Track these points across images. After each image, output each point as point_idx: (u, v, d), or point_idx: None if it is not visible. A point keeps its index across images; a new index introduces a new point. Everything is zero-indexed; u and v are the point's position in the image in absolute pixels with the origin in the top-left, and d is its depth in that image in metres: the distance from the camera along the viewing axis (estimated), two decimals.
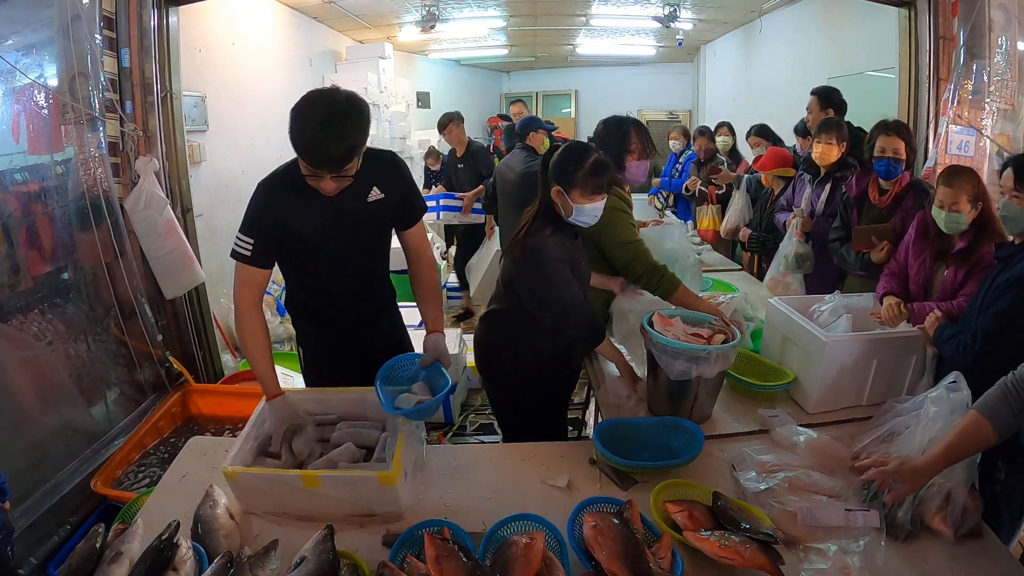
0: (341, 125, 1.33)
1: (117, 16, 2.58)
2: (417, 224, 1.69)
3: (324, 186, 1.42)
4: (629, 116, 2.10)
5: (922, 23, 2.94)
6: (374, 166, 1.53)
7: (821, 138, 2.69)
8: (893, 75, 3.19)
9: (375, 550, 1.26)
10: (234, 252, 1.52)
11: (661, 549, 1.16)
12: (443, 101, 8.72)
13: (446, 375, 1.54)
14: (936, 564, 1.22)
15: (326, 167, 1.37)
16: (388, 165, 1.61)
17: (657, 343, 1.61)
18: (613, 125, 2.07)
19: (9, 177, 2.12)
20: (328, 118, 1.33)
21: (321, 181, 1.40)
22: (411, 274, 1.74)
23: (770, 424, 1.66)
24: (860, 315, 1.89)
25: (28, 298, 2.11)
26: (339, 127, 1.33)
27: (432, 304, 1.72)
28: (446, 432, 3.08)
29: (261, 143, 4.12)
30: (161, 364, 2.67)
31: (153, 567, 1.12)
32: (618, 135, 2.03)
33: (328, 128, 1.32)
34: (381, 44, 6.20)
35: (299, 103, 1.36)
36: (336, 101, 1.35)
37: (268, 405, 1.52)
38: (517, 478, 1.51)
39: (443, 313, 1.74)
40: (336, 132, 1.33)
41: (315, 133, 1.33)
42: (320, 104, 1.35)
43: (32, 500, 1.93)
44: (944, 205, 1.80)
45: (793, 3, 5.43)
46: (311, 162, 1.37)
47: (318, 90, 1.40)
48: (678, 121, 9.22)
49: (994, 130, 2.74)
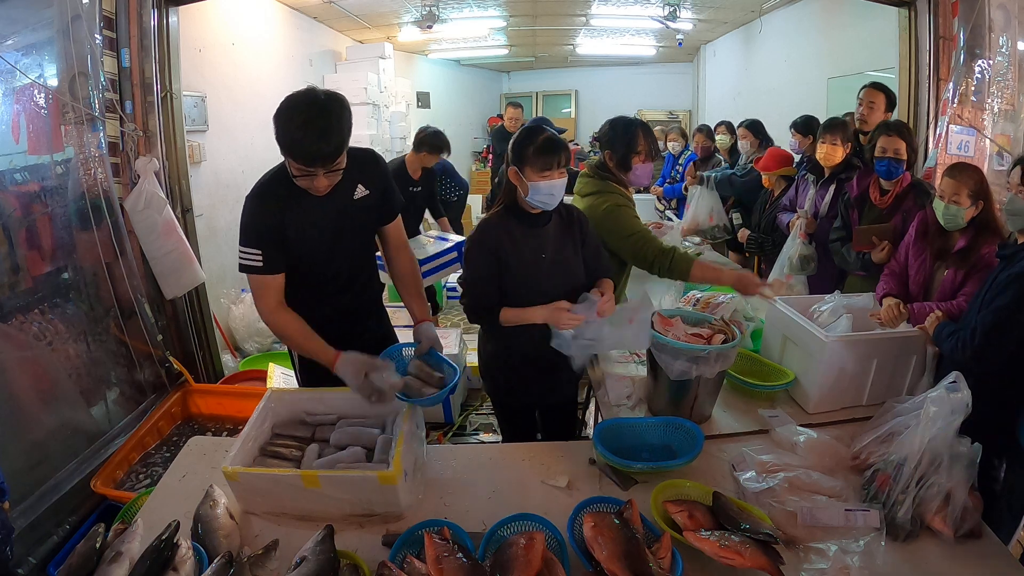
0: (326, 121, 1.37)
1: (117, 16, 2.58)
2: (396, 219, 1.73)
3: (317, 184, 1.43)
4: (636, 118, 2.10)
5: (922, 23, 2.94)
6: (357, 164, 1.55)
7: (826, 138, 2.68)
8: (893, 75, 3.19)
9: (375, 550, 1.26)
10: (243, 266, 1.53)
11: (661, 549, 1.16)
12: (443, 101, 8.73)
13: (447, 360, 1.58)
14: (936, 564, 1.22)
15: (318, 164, 1.39)
16: (370, 162, 1.65)
17: (657, 343, 1.61)
18: (621, 126, 2.06)
19: (9, 177, 2.12)
20: (313, 116, 1.36)
21: (314, 180, 1.42)
22: (391, 269, 1.77)
23: (770, 424, 1.65)
24: (860, 315, 1.89)
25: (28, 298, 2.11)
26: (324, 123, 1.37)
27: (416, 294, 1.75)
28: (446, 432, 3.08)
29: (261, 143, 4.12)
30: (161, 364, 2.67)
31: (153, 567, 1.12)
32: (625, 136, 2.03)
33: (314, 126, 1.36)
34: (381, 44, 6.20)
35: (280, 108, 1.39)
36: (316, 99, 1.39)
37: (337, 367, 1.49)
38: (517, 478, 1.51)
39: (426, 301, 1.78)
40: (323, 128, 1.36)
41: (303, 133, 1.36)
42: (302, 104, 1.38)
43: (32, 500, 1.93)
44: (945, 196, 1.81)
45: (793, 3, 5.43)
46: (303, 161, 1.38)
47: (296, 92, 1.42)
48: (678, 121, 9.22)
49: (994, 130, 2.74)
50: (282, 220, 1.51)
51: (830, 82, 4.74)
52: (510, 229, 1.69)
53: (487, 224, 1.73)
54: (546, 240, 1.71)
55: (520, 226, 1.69)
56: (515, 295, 1.69)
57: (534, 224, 1.70)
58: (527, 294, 1.67)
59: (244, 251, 1.51)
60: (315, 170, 1.40)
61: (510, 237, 1.68)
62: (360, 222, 1.64)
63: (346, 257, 1.66)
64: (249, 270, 1.52)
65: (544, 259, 1.70)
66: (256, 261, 1.50)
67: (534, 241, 1.70)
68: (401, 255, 1.76)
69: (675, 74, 9.44)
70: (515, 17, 6.31)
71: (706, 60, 8.45)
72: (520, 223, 1.69)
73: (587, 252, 1.77)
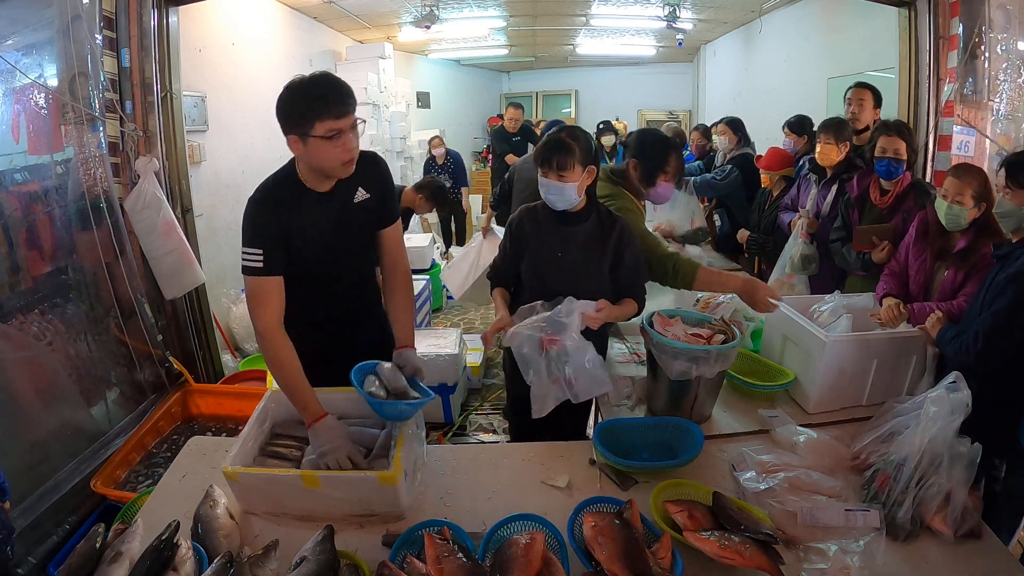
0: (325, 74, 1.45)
1: (117, 16, 2.58)
2: (394, 225, 1.69)
3: (346, 143, 1.42)
4: (672, 136, 2.07)
5: (922, 23, 2.94)
6: (359, 165, 1.54)
7: (822, 138, 2.68)
8: (893, 75, 3.19)
9: (375, 550, 1.26)
10: (244, 267, 1.49)
11: (661, 549, 1.16)
12: (443, 101, 8.74)
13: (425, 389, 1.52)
14: (936, 564, 1.22)
15: (345, 106, 1.41)
16: (371, 164, 1.63)
17: (657, 343, 1.61)
18: (655, 140, 2.01)
19: (9, 177, 2.12)
20: (314, 77, 1.43)
21: (345, 139, 1.42)
22: (386, 284, 1.72)
23: (770, 424, 1.66)
24: (860, 315, 1.90)
25: (28, 298, 2.11)
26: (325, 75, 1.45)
27: (407, 317, 1.68)
28: (446, 432, 3.08)
29: (261, 143, 4.13)
30: (161, 364, 2.68)
31: (153, 567, 1.12)
32: (658, 153, 1.98)
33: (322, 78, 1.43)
34: (381, 44, 6.21)
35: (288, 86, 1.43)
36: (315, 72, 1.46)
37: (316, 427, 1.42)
38: (517, 478, 1.51)
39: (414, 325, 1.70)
40: (328, 78, 1.44)
41: (323, 84, 1.41)
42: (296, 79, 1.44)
43: (32, 500, 1.93)
44: (948, 196, 1.80)
45: (793, 3, 5.43)
46: (335, 103, 1.39)
47: None
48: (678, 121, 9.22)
49: (994, 130, 2.74)
50: (285, 221, 1.50)
51: (830, 82, 4.74)
52: (540, 221, 1.74)
53: (526, 209, 1.79)
54: (571, 241, 1.71)
55: (551, 221, 1.72)
56: (528, 284, 1.75)
57: (563, 222, 1.71)
58: (537, 286, 1.70)
59: (246, 252, 1.49)
60: (346, 120, 1.41)
61: (537, 229, 1.73)
62: (360, 223, 1.63)
63: (345, 259, 1.65)
64: (250, 271, 1.49)
65: (560, 257, 1.70)
66: (256, 261, 1.48)
67: (557, 239, 1.71)
68: (396, 271, 1.71)
69: (675, 74, 9.45)
70: (515, 17, 6.31)
71: (706, 60, 8.46)
72: (552, 218, 1.72)
73: (621, 268, 1.73)
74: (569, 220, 1.70)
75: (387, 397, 1.44)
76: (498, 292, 1.80)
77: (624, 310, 1.72)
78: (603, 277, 1.72)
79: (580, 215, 1.70)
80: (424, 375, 1.57)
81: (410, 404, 1.43)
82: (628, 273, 1.74)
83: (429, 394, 1.49)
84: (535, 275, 1.72)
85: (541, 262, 1.71)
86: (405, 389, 1.48)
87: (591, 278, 1.70)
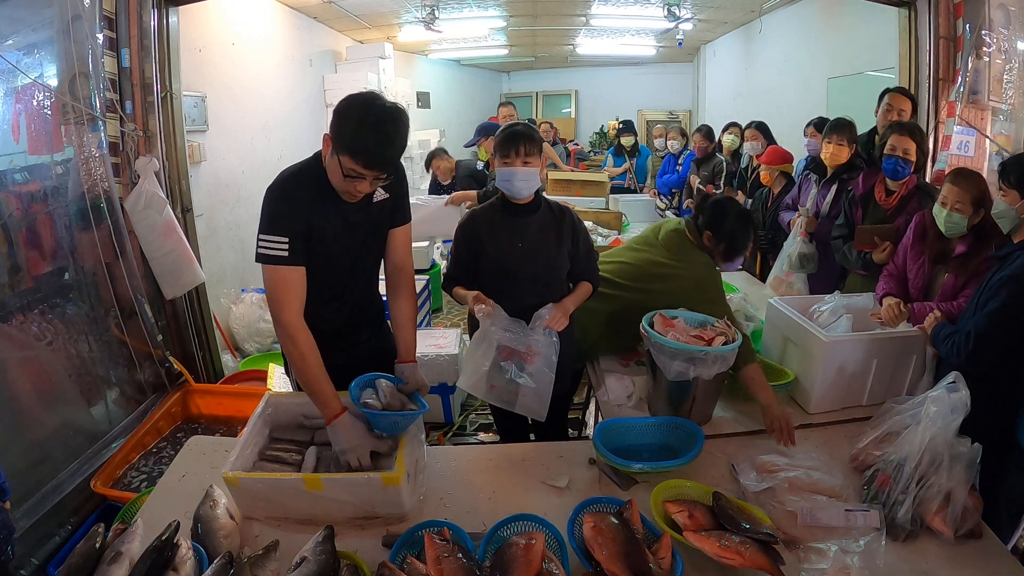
0: (395, 128, 1.36)
1: (117, 16, 2.57)
2: (405, 226, 1.66)
3: (360, 188, 1.40)
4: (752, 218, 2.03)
5: (922, 23, 2.94)
6: None
7: (832, 139, 2.67)
8: (893, 75, 3.19)
9: (375, 551, 1.26)
10: (264, 256, 1.41)
11: (661, 549, 1.16)
12: (443, 101, 8.73)
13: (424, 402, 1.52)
14: (936, 564, 1.22)
15: (377, 168, 1.37)
16: None
17: (655, 343, 1.61)
18: (738, 218, 1.93)
19: (9, 177, 2.12)
20: (384, 120, 1.34)
21: (358, 184, 1.39)
22: (389, 287, 1.68)
23: None
24: (860, 315, 1.90)
25: (28, 298, 2.11)
26: (393, 129, 1.35)
27: (410, 328, 1.64)
28: (446, 432, 3.08)
29: (261, 143, 4.11)
30: (161, 364, 2.67)
31: (153, 567, 1.12)
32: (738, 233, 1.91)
33: (384, 130, 1.34)
34: (381, 44, 6.20)
35: (350, 105, 1.36)
36: (386, 106, 1.37)
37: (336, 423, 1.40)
38: (517, 478, 1.51)
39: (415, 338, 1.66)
40: (390, 133, 1.35)
41: (372, 135, 1.33)
42: (374, 107, 1.35)
43: (33, 500, 1.93)
44: (947, 203, 1.79)
45: (793, 3, 5.42)
46: (363, 162, 1.35)
47: (363, 94, 1.39)
48: (678, 121, 9.22)
49: (994, 130, 2.74)
50: (310, 215, 1.45)
51: (830, 82, 4.74)
52: (492, 218, 1.82)
53: (474, 212, 1.89)
54: (526, 230, 1.79)
55: (504, 215, 1.80)
56: (490, 276, 1.80)
57: (516, 214, 1.79)
58: (501, 277, 1.79)
59: (267, 239, 1.41)
60: (369, 173, 1.37)
61: (490, 225, 1.81)
62: (378, 226, 1.61)
63: (363, 261, 1.63)
64: (270, 260, 1.41)
65: (520, 247, 1.78)
66: (281, 250, 1.41)
67: (513, 230, 1.79)
68: (401, 276, 1.67)
69: (675, 74, 9.44)
70: (515, 17, 6.30)
71: (706, 60, 8.45)
72: (504, 212, 1.80)
73: (577, 252, 1.83)
74: (520, 212, 1.79)
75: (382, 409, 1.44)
76: (458, 288, 1.83)
77: (579, 295, 1.83)
78: (564, 260, 1.81)
79: (530, 207, 1.79)
80: (427, 390, 1.57)
81: (404, 416, 1.43)
82: (586, 256, 1.85)
83: (424, 407, 1.50)
84: (497, 268, 1.79)
85: (501, 255, 1.79)
86: (401, 407, 1.47)
87: (552, 261, 1.80)
